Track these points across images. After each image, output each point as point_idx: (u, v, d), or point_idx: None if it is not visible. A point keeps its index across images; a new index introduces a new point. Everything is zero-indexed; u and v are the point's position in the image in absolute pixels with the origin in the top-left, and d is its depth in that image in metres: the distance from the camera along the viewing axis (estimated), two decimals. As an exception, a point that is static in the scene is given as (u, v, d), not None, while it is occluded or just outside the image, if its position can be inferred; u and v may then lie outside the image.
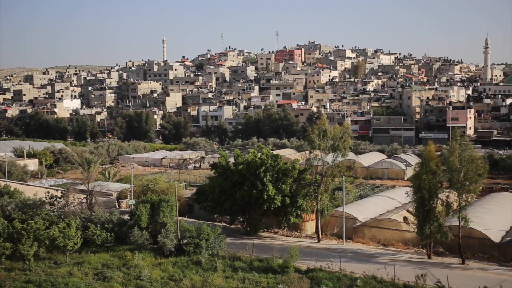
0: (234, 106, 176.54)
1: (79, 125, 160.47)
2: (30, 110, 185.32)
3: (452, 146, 42.11)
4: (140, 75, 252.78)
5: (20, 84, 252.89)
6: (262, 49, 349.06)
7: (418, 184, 41.16)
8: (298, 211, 47.62)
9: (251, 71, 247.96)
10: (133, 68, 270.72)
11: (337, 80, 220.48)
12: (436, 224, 40.36)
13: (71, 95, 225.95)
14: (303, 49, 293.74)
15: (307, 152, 49.04)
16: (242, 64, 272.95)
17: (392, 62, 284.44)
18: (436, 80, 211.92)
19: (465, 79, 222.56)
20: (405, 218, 49.11)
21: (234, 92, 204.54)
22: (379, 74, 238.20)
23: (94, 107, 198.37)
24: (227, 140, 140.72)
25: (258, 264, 38.83)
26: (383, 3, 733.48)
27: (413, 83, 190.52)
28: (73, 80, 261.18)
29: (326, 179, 47.25)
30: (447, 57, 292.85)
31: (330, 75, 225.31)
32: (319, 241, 47.14)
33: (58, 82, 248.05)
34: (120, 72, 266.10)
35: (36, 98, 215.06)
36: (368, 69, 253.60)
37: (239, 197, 47.09)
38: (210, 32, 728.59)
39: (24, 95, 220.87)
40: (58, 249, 40.30)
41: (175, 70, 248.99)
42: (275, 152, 58.10)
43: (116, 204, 59.90)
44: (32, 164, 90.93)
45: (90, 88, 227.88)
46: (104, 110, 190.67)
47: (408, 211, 50.04)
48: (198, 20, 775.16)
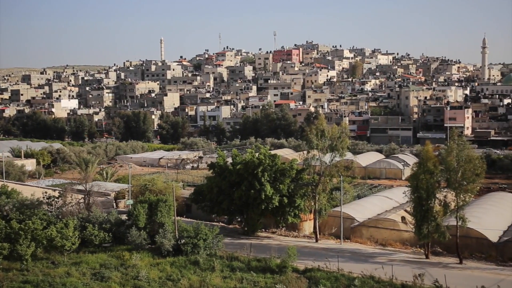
0: (232, 106, 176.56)
1: (77, 125, 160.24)
2: (27, 110, 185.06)
3: (450, 146, 42.19)
4: (138, 75, 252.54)
5: (18, 84, 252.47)
6: (260, 49, 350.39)
7: (416, 184, 41.21)
8: (296, 211, 47.62)
9: (249, 71, 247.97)
10: (131, 68, 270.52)
11: (335, 80, 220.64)
12: (434, 224, 40.40)
13: (69, 95, 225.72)
14: (301, 49, 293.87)
15: (305, 152, 49.08)
16: (240, 64, 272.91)
17: (390, 62, 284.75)
18: (434, 80, 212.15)
19: (462, 79, 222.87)
20: (403, 218, 49.16)
21: (232, 92, 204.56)
22: (377, 74, 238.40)
23: (91, 107, 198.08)
24: (225, 140, 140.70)
25: (256, 264, 38.83)
26: (381, 3, 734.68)
27: (410, 83, 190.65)
28: (70, 80, 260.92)
29: (324, 179, 47.28)
30: (445, 57, 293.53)
31: (328, 75, 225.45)
32: (317, 241, 47.16)
33: (55, 82, 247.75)
34: (118, 72, 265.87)
35: (33, 98, 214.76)
36: (366, 69, 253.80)
37: (237, 197, 47.09)
38: (208, 32, 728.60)
39: (22, 95, 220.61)
40: (55, 249, 40.24)
41: (173, 70, 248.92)
42: (273, 152, 58.09)
43: (114, 204, 59.91)
44: (30, 164, 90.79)
45: (87, 88, 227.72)
46: (102, 110, 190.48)
47: (406, 211, 50.10)
48: (196, 20, 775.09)
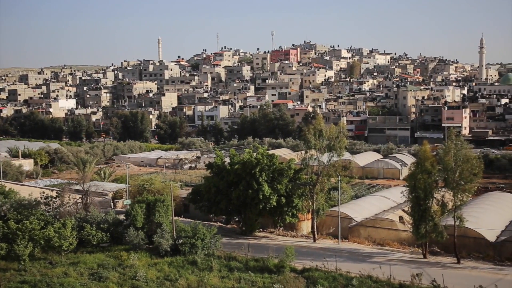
0: (230, 106, 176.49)
1: (74, 125, 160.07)
2: (25, 110, 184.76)
3: (448, 145, 42.22)
4: (136, 75, 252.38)
5: (15, 84, 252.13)
6: (258, 49, 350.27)
7: (413, 183, 41.27)
8: (293, 210, 47.64)
9: (246, 71, 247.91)
10: (128, 68, 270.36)
11: (332, 80, 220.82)
12: (431, 223, 40.45)
13: (66, 95, 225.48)
14: (298, 49, 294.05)
15: (303, 152, 49.08)
16: (238, 64, 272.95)
17: (388, 62, 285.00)
18: (432, 80, 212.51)
19: (460, 79, 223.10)
20: (400, 218, 49.19)
21: (229, 92, 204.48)
22: (375, 74, 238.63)
23: (89, 107, 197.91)
24: (223, 140, 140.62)
25: (254, 264, 38.83)
26: (379, 3, 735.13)
27: (408, 83, 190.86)
28: (68, 80, 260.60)
29: (321, 179, 47.27)
30: (443, 57, 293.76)
31: (325, 75, 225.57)
32: (314, 240, 47.17)
33: (53, 82, 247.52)
34: (116, 72, 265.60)
35: (31, 98, 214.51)
36: (363, 69, 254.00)
37: (235, 197, 47.07)
38: (205, 32, 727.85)
39: (19, 95, 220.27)
40: (53, 249, 40.19)
41: (171, 70, 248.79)
42: (271, 152, 58.13)
43: (112, 204, 59.79)
44: (27, 164, 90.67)
45: (85, 88, 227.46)
46: (100, 110, 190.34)
47: (403, 210, 50.11)
48: (193, 20, 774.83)
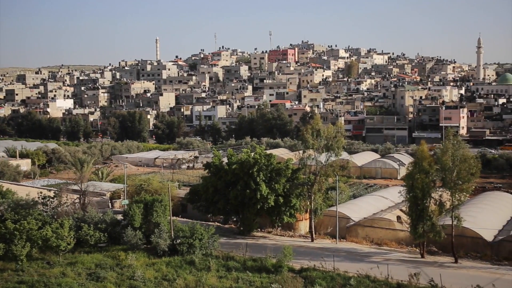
0: (228, 106, 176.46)
1: (72, 125, 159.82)
2: (22, 110, 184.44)
3: (445, 145, 42.29)
4: (133, 74, 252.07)
5: (13, 84, 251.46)
6: (256, 48, 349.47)
7: (411, 183, 41.31)
8: (291, 210, 47.65)
9: (244, 71, 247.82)
10: (126, 68, 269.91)
11: (330, 79, 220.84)
12: (429, 223, 40.52)
13: (64, 95, 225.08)
14: (296, 48, 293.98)
15: (301, 151, 49.08)
16: (236, 64, 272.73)
17: (385, 61, 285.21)
18: (429, 79, 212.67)
19: (458, 78, 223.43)
20: (398, 218, 49.26)
21: (227, 92, 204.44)
22: (372, 73, 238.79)
23: (87, 107, 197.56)
24: (221, 139, 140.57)
25: (252, 263, 38.83)
26: (377, 3, 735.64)
27: (406, 82, 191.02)
28: (66, 80, 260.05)
29: (319, 179, 47.29)
30: (440, 57, 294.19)
31: (323, 75, 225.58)
32: (312, 240, 47.19)
33: (50, 81, 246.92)
34: (113, 71, 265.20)
35: (28, 97, 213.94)
36: (361, 68, 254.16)
37: (233, 196, 47.07)
38: (203, 31, 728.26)
39: (17, 94, 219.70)
40: (51, 249, 40.14)
41: (169, 69, 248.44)
42: (269, 151, 58.07)
43: (110, 204, 59.77)
44: (25, 164, 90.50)
45: (83, 88, 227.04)
46: (97, 110, 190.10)
47: (401, 210, 50.20)
48: (191, 19, 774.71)
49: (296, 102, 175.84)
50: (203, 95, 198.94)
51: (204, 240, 41.12)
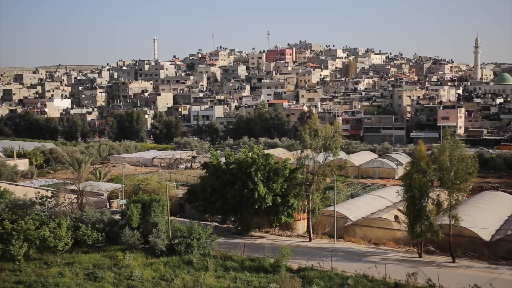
0: (225, 106, 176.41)
1: (70, 125, 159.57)
2: (20, 110, 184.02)
3: (443, 145, 42.34)
4: (131, 74, 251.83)
5: (10, 84, 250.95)
6: (253, 48, 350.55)
7: (409, 183, 41.36)
8: (289, 210, 47.66)
9: (242, 71, 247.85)
10: (124, 68, 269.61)
11: (328, 79, 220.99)
12: (427, 223, 40.55)
13: (62, 95, 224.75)
14: (294, 48, 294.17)
15: (299, 151, 49.10)
16: (233, 64, 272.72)
17: (383, 61, 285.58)
18: (427, 79, 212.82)
19: (455, 78, 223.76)
20: (396, 217, 49.30)
21: (225, 92, 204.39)
22: (370, 73, 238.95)
23: (84, 107, 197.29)
24: (219, 139, 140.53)
25: (250, 263, 38.83)
26: (374, 3, 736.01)
27: (404, 82, 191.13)
28: (63, 80, 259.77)
29: (317, 178, 47.31)
30: (438, 56, 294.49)
31: (321, 75, 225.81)
32: (310, 240, 47.21)
33: (48, 81, 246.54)
34: (111, 71, 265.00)
35: (26, 97, 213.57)
36: (359, 68, 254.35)
37: (230, 196, 47.06)
38: (201, 31, 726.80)
39: (14, 94, 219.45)
40: (48, 249, 40.09)
41: (166, 69, 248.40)
42: (266, 151, 58.07)
43: (107, 204, 59.76)
44: (22, 164, 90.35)
45: (80, 88, 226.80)
46: (95, 109, 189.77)
47: (399, 210, 50.20)
48: (189, 19, 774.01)
49: (294, 102, 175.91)
50: (201, 95, 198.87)
51: (202, 240, 41.11)
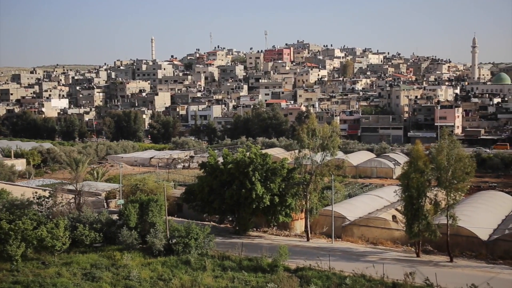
0: (223, 106, 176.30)
1: (67, 124, 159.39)
2: (17, 110, 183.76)
3: (440, 145, 42.37)
4: (129, 74, 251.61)
5: (7, 84, 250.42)
6: (251, 48, 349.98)
7: (406, 182, 41.39)
8: (287, 210, 47.64)
9: (240, 71, 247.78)
10: (121, 68, 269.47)
11: (326, 79, 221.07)
12: (424, 222, 40.58)
13: (59, 95, 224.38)
14: (292, 48, 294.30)
15: (296, 151, 49.09)
16: (231, 64, 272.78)
17: (381, 61, 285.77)
18: (424, 79, 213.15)
19: (453, 78, 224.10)
20: (393, 217, 49.32)
21: (223, 92, 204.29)
22: (368, 73, 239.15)
23: (82, 107, 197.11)
24: (216, 139, 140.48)
25: (248, 263, 38.82)
26: (372, 3, 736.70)
27: (401, 82, 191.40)
28: (61, 80, 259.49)
29: (315, 178, 47.31)
30: (435, 56, 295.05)
31: (319, 75, 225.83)
32: (308, 240, 47.22)
33: (45, 81, 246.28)
34: (109, 71, 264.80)
35: (23, 97, 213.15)
36: (356, 68, 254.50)
37: (228, 196, 47.04)
38: (199, 31, 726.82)
39: (11, 94, 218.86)
40: (46, 249, 40.01)
41: (164, 69, 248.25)
42: (264, 151, 58.08)
43: (105, 204, 59.62)
44: (20, 164, 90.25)
45: (78, 88, 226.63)
46: (93, 109, 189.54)
47: (396, 209, 50.24)
48: (187, 19, 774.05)
49: (292, 102, 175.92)
50: (199, 94, 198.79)
51: (199, 240, 41.08)
